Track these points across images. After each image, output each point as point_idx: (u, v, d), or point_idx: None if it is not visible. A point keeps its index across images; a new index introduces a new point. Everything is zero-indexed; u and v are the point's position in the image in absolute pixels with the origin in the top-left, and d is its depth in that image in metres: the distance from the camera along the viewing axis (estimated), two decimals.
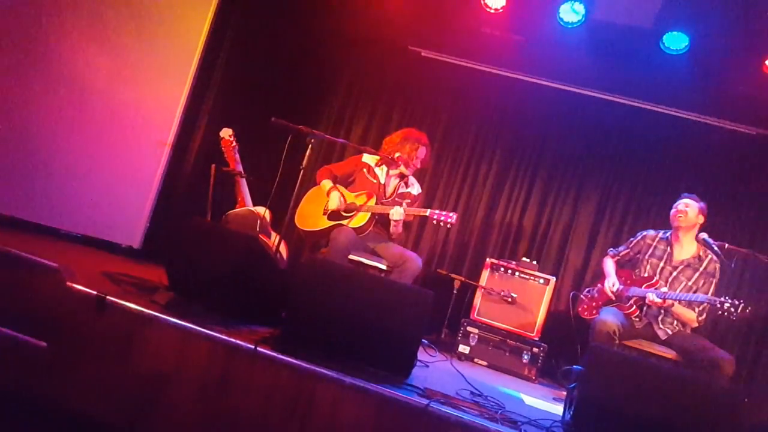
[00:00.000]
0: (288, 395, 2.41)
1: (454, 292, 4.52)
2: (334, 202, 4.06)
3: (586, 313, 4.10)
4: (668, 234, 4.03)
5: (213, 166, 3.86)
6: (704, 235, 3.80)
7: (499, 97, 5.54)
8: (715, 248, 3.74)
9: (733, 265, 3.83)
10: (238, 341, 2.47)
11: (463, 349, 4.26)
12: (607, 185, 5.37)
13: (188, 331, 2.50)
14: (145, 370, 2.49)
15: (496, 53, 5.32)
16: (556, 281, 4.56)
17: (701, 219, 3.94)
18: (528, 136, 5.53)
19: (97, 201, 4.14)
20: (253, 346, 2.44)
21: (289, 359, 2.43)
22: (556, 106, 5.42)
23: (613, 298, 3.96)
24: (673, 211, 3.98)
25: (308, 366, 2.42)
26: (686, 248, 3.94)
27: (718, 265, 3.85)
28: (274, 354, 2.45)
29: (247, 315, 2.90)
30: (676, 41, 4.55)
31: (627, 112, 5.29)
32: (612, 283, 3.98)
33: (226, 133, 4.03)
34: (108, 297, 2.53)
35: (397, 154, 4.19)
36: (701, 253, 3.89)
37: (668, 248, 3.97)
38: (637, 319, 3.86)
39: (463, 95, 5.60)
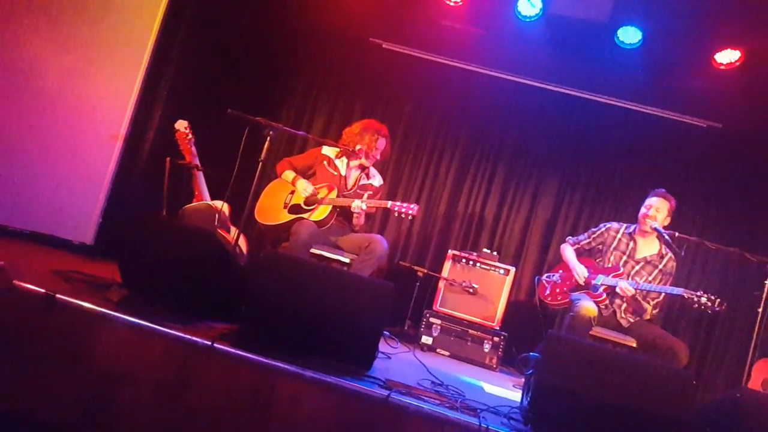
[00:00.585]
0: (247, 391, 2.39)
1: (417, 284, 4.56)
2: (304, 188, 4.02)
3: (550, 299, 4.16)
4: (632, 229, 4.10)
5: (168, 159, 3.76)
6: (655, 224, 3.89)
7: (460, 89, 5.56)
8: (666, 237, 3.83)
9: (683, 253, 3.94)
10: (195, 338, 2.42)
11: (426, 339, 4.29)
12: (564, 177, 5.47)
13: (143, 328, 2.45)
14: (99, 371, 2.42)
15: (456, 46, 5.35)
16: (516, 271, 4.62)
17: (668, 221, 4.01)
18: (488, 129, 5.59)
19: (46, 197, 3.99)
20: (210, 343, 2.40)
21: (247, 355, 2.40)
22: (515, 99, 5.49)
23: (583, 285, 4.01)
24: (643, 211, 4.01)
25: (267, 361, 2.39)
26: (649, 246, 4.04)
27: (675, 264, 3.98)
28: (232, 350, 2.41)
29: (205, 311, 2.85)
30: (630, 35, 4.64)
31: (583, 105, 5.38)
32: (582, 271, 4.02)
33: (181, 125, 3.94)
34: (58, 295, 2.45)
35: (358, 147, 4.17)
36: (663, 252, 3.99)
37: (631, 243, 4.06)
38: (604, 307, 3.94)
39: (424, 87, 5.61)
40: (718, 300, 3.49)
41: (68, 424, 2.40)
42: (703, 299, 3.51)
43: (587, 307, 3.70)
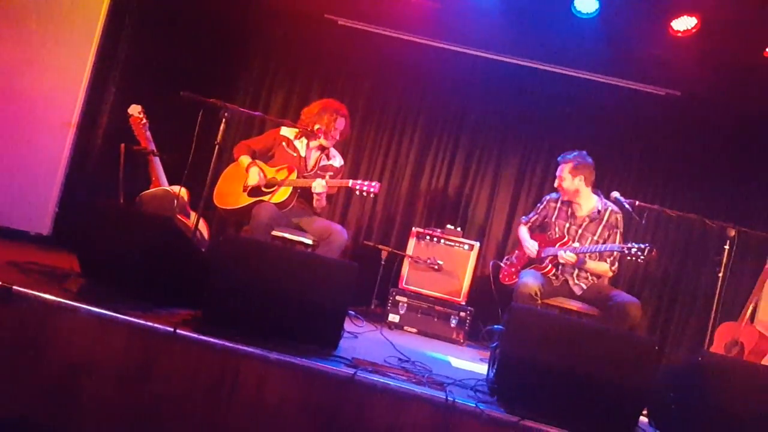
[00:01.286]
0: (212, 376, 2.37)
1: (382, 262, 4.57)
2: (254, 178, 3.96)
3: (507, 279, 4.24)
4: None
5: (122, 145, 3.67)
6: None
7: (419, 65, 5.51)
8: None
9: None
10: (156, 325, 2.39)
11: (393, 318, 4.31)
12: (526, 150, 5.50)
13: (104, 318, 2.40)
14: (61, 362, 2.38)
15: (413, 20, 5.26)
16: (480, 246, 4.66)
17: (576, 172, 4.02)
18: (449, 104, 5.56)
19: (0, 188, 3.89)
20: (172, 329, 2.37)
21: (210, 339, 2.38)
22: (474, 73, 5.46)
23: (535, 260, 4.09)
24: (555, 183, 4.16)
25: (231, 345, 2.37)
26: (584, 204, 4.11)
27: (619, 216, 4.04)
28: (196, 335, 2.39)
29: (166, 298, 2.80)
30: (586, 5, 4.63)
31: (543, 77, 5.39)
32: (532, 246, 4.10)
33: (134, 109, 3.84)
34: (14, 287, 2.39)
35: (317, 127, 4.12)
36: (599, 207, 4.06)
37: (569, 208, 4.15)
38: (554, 278, 4.01)
39: (382, 64, 5.54)
40: (647, 247, 3.54)
41: (32, 418, 2.36)
42: (633, 249, 3.57)
43: (525, 283, 3.77)
